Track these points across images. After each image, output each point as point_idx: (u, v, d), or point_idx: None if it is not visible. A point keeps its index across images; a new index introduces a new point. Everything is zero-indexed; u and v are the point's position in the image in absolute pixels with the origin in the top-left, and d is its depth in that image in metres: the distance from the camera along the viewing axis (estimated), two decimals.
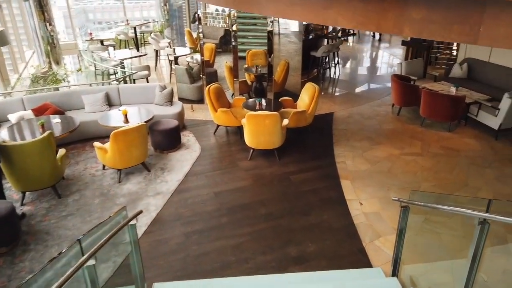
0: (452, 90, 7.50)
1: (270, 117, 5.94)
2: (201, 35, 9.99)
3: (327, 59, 10.87)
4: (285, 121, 6.34)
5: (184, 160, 6.31)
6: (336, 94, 9.53)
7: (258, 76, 8.98)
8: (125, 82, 8.92)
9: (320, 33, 10.86)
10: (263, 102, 6.96)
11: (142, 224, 4.75)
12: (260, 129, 6.04)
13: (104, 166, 5.96)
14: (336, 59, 10.98)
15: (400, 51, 13.38)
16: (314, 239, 4.52)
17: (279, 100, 7.33)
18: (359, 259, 4.23)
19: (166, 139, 6.46)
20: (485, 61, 8.49)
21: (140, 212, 3.31)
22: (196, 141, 7.02)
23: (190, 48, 12.54)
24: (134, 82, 9.19)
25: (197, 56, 9.43)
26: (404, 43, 10.58)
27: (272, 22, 10.20)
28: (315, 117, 7.16)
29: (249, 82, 9.20)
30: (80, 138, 6.80)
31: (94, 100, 7.08)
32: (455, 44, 9.44)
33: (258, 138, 6.14)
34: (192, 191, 5.50)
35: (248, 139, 6.26)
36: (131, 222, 3.18)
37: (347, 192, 5.45)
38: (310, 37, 10.38)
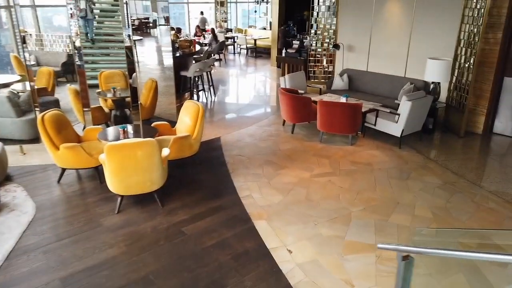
0: (343, 100, 6.84)
1: (143, 146, 4.08)
2: (27, 55, 7.51)
3: (199, 81, 9.44)
4: (165, 151, 4.54)
5: (5, 232, 3.89)
6: (217, 117, 8.13)
7: (118, 101, 6.99)
8: None
9: (187, 51, 9.43)
10: (129, 129, 5.04)
11: None
12: (130, 165, 4.11)
13: None
14: (210, 80, 9.65)
15: (267, 73, 12.89)
16: None
17: (152, 125, 5.51)
18: None
19: None
20: (363, 70, 8.25)
21: None
22: (28, 197, 4.62)
23: (20, 75, 9.64)
24: None
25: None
26: (278, 59, 9.93)
27: (129, 36, 8.38)
28: (201, 144, 5.55)
29: (106, 110, 7.08)
30: None
31: None
32: (330, 57, 9.14)
33: (128, 179, 4.18)
34: (19, 285, 3.20)
35: (113, 183, 4.24)
36: None
37: (267, 237, 3.91)
38: (178, 54, 8.84)
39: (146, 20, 9.69)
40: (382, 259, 3.57)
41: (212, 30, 14.72)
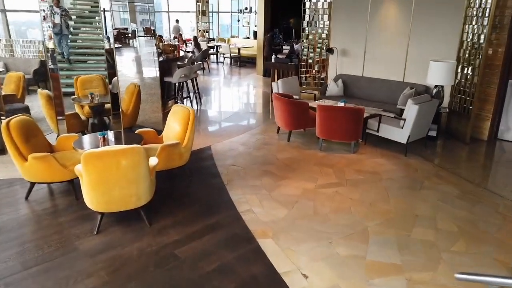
0: (341, 106, 6.40)
1: (128, 154, 3.46)
2: None
3: (183, 88, 8.85)
4: (153, 160, 3.93)
5: None
6: (204, 125, 7.55)
7: (96, 107, 6.33)
8: None
9: (171, 56, 8.85)
10: (110, 136, 4.41)
11: None
12: (112, 176, 3.47)
13: None
14: (196, 87, 9.07)
15: (253, 81, 12.43)
16: None
17: (136, 132, 4.89)
18: None
19: None
20: (359, 75, 7.88)
21: None
22: None
23: None
24: None
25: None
26: (267, 65, 9.46)
27: (108, 38, 7.77)
28: (190, 154, 4.95)
29: (83, 118, 6.41)
30: None
31: None
32: (323, 62, 8.73)
33: (110, 193, 3.55)
34: None
35: (92, 198, 3.59)
36: None
37: (276, 259, 3.33)
38: (161, 59, 8.26)
39: (125, 31, 9.13)
40: (414, 282, 3.05)
41: (194, 38, 14.21)
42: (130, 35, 9.04)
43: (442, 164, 5.55)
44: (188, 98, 8.90)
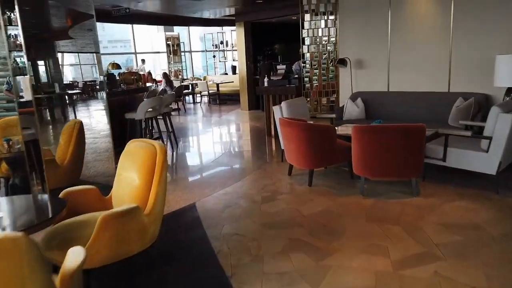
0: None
1: None
2: None
3: (153, 127, 6.72)
4: (74, 258, 1.73)
5: None
6: (184, 174, 5.42)
7: (14, 158, 4.15)
8: None
9: (134, 86, 6.80)
10: (2, 203, 2.22)
11: None
12: None
13: None
14: (170, 125, 6.97)
15: (238, 116, 10.47)
16: None
17: (61, 194, 2.70)
18: None
19: None
20: (383, 91, 6.02)
21: None
22: None
23: None
24: None
25: None
26: (258, 90, 7.53)
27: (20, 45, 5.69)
28: (163, 221, 2.78)
29: None
30: None
31: None
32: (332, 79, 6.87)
33: None
34: None
35: None
36: None
37: None
38: (120, 89, 6.19)
39: (92, 83, 7.16)
40: None
41: (165, 75, 12.30)
42: (97, 87, 7.07)
43: None
44: (160, 138, 6.77)
